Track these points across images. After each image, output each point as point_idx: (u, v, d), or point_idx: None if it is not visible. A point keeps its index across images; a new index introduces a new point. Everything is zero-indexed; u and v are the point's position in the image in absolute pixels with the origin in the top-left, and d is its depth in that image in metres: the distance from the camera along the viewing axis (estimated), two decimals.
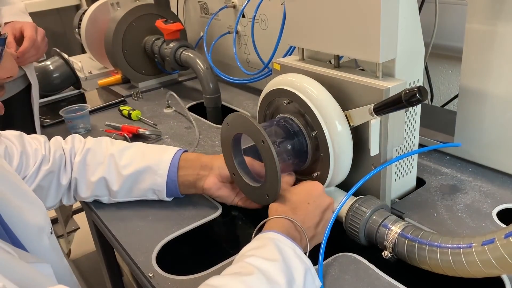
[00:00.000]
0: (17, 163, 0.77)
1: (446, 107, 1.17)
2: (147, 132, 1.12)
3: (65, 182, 0.83)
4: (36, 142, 0.82)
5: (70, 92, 1.53)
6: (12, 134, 0.81)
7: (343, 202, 0.71)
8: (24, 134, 0.83)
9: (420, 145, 0.80)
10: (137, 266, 0.70)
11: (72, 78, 1.50)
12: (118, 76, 1.57)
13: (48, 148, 0.82)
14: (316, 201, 0.69)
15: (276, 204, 0.70)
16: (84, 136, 0.89)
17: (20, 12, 1.20)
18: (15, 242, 0.59)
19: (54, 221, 2.12)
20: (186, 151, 0.84)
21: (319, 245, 0.65)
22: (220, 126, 0.77)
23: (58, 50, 1.52)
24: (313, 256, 0.65)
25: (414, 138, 0.78)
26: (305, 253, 0.63)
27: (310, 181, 0.73)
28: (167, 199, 0.84)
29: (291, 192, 0.71)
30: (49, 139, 0.86)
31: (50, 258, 0.63)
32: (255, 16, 1.25)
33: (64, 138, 0.87)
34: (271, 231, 0.64)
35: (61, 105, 1.40)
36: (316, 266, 0.64)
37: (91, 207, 0.87)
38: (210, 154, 1.02)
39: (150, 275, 0.68)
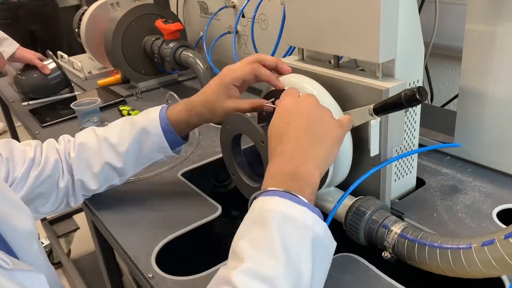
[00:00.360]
0: (3, 169, 0.75)
1: (446, 107, 1.17)
2: None
3: (62, 185, 0.81)
4: (26, 147, 0.80)
5: (70, 93, 1.53)
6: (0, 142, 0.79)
7: (341, 200, 0.70)
8: (13, 141, 0.81)
9: (420, 145, 0.80)
10: (136, 267, 0.70)
11: (64, 82, 1.50)
12: (117, 76, 1.57)
13: (40, 152, 0.80)
14: (294, 111, 0.60)
15: (269, 132, 0.61)
16: None
17: None
18: (7, 248, 0.58)
19: (54, 221, 2.12)
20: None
21: None
22: (220, 126, 0.77)
23: (51, 53, 1.52)
24: None
25: (414, 138, 0.78)
26: (311, 201, 0.53)
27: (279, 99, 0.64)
28: (175, 154, 0.83)
29: (268, 128, 0.62)
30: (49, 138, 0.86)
31: (39, 263, 0.62)
32: (254, 16, 1.25)
33: (63, 138, 0.86)
34: (270, 194, 0.52)
35: (58, 107, 1.41)
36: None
37: (91, 207, 0.87)
38: (210, 155, 1.02)
39: (150, 275, 0.68)
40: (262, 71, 0.74)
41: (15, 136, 2.12)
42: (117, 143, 0.80)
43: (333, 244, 0.53)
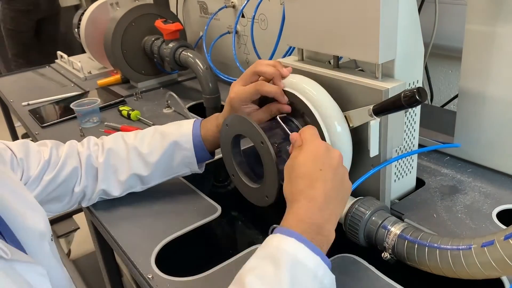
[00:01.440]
0: (19, 171, 0.75)
1: (446, 107, 1.17)
2: None
3: (78, 190, 0.81)
4: (42, 147, 0.80)
5: (70, 93, 1.53)
6: (16, 143, 0.79)
7: None
8: (29, 142, 0.80)
9: (420, 146, 0.80)
10: (136, 268, 0.70)
11: None
12: (117, 76, 1.57)
13: (56, 155, 0.80)
14: (326, 162, 0.59)
15: (287, 185, 0.60)
16: (94, 129, 0.88)
17: None
18: (18, 246, 0.58)
19: (54, 221, 2.12)
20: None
21: None
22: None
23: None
24: None
25: (414, 138, 0.77)
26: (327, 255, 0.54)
27: (305, 137, 0.62)
28: (198, 170, 0.84)
29: (295, 163, 0.60)
30: (50, 139, 0.85)
31: (50, 264, 0.62)
32: (254, 16, 1.25)
33: (63, 140, 0.85)
34: (289, 234, 0.52)
35: (58, 107, 1.41)
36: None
37: (90, 208, 0.87)
38: None
39: (149, 276, 0.68)
40: (266, 89, 0.73)
41: (15, 136, 2.12)
42: (147, 153, 0.81)
43: None
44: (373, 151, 0.69)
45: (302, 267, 0.50)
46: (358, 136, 0.71)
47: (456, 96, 1.09)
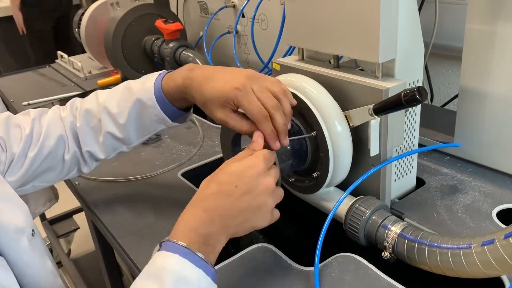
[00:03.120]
0: (2, 152, 0.71)
1: (446, 107, 1.17)
2: None
3: (68, 158, 0.77)
4: (24, 118, 0.76)
5: (71, 93, 1.53)
6: None
7: (341, 200, 0.71)
8: (11, 116, 0.75)
9: (420, 145, 0.80)
10: (136, 267, 0.70)
11: None
12: (117, 76, 1.57)
13: (39, 127, 0.75)
14: (247, 185, 0.56)
15: (208, 179, 0.58)
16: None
17: None
18: None
19: (54, 221, 2.12)
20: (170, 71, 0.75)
21: (316, 245, 0.65)
22: (220, 126, 0.77)
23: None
24: (310, 257, 0.65)
25: (414, 138, 0.78)
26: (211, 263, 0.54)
27: (253, 155, 0.59)
28: (178, 124, 0.77)
29: (226, 166, 0.58)
30: None
31: (29, 261, 0.61)
32: (254, 16, 1.25)
33: (72, 104, 0.80)
34: (174, 251, 0.52)
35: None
36: (312, 268, 0.64)
37: (91, 207, 0.87)
38: (210, 154, 1.02)
39: None
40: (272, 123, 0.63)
41: None
42: (117, 113, 0.75)
43: None
44: (373, 150, 0.69)
45: (185, 281, 0.51)
46: (358, 135, 0.71)
47: (456, 96, 1.09)
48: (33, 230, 0.63)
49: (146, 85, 0.73)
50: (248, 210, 0.57)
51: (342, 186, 0.75)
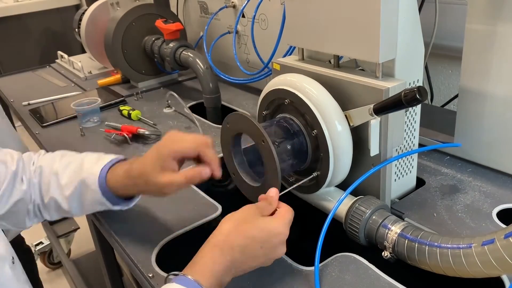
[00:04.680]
0: None
1: (446, 107, 1.17)
2: (146, 132, 1.12)
3: (31, 207, 0.77)
4: (8, 157, 0.76)
5: (70, 93, 1.53)
6: None
7: (341, 200, 0.71)
8: None
9: (420, 145, 0.80)
10: (136, 267, 0.70)
11: None
12: (118, 76, 1.57)
13: (22, 167, 0.76)
14: (270, 248, 0.59)
15: (230, 225, 0.60)
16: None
17: None
18: None
19: (54, 221, 2.12)
20: (123, 159, 0.78)
21: (316, 245, 0.65)
22: (220, 126, 0.77)
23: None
24: (310, 257, 0.65)
25: (414, 138, 0.78)
26: None
27: (281, 219, 0.61)
28: (121, 208, 0.77)
29: (258, 222, 0.60)
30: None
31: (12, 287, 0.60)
32: (255, 16, 1.25)
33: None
34: (198, 282, 0.55)
35: (58, 107, 1.41)
36: (312, 268, 0.64)
37: None
38: None
39: (150, 275, 0.68)
40: (207, 151, 0.68)
41: None
42: (64, 184, 0.75)
43: None
44: (374, 150, 0.69)
45: None
46: (359, 135, 0.71)
47: (456, 96, 1.09)
48: (12, 258, 0.63)
49: (94, 168, 0.74)
50: (258, 266, 0.61)
51: (342, 186, 0.75)
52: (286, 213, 0.62)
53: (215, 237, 0.59)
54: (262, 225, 0.60)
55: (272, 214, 0.62)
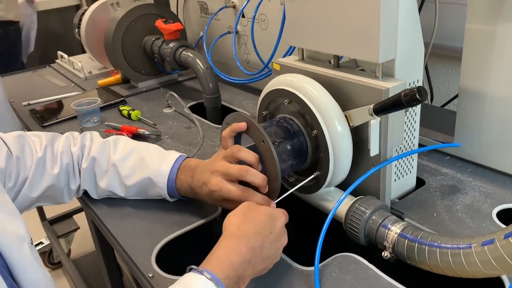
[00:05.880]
0: (14, 170, 0.77)
1: (446, 107, 1.17)
2: (146, 132, 1.12)
3: (74, 187, 0.85)
4: (36, 143, 0.82)
5: (70, 93, 1.53)
6: (12, 136, 0.79)
7: (341, 200, 0.71)
8: (26, 136, 0.81)
9: (420, 145, 0.80)
10: (136, 267, 0.70)
11: None
12: (118, 76, 1.57)
13: (51, 153, 0.82)
14: (277, 234, 0.63)
15: (237, 217, 0.62)
16: (94, 129, 0.88)
17: None
18: None
19: (54, 221, 2.12)
20: (187, 157, 0.83)
21: (316, 245, 0.65)
22: (220, 126, 0.77)
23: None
24: (310, 257, 0.65)
25: (414, 138, 0.78)
26: None
27: (272, 208, 0.68)
28: (173, 199, 0.84)
29: (260, 208, 0.65)
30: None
31: (32, 268, 0.62)
32: (255, 16, 1.25)
33: (81, 140, 0.87)
34: (211, 273, 0.55)
35: (58, 107, 1.41)
36: (312, 268, 0.64)
37: (91, 207, 0.87)
38: (210, 154, 1.02)
39: (150, 275, 0.68)
40: (250, 178, 0.69)
41: None
42: (125, 176, 0.82)
43: None
44: (373, 150, 0.69)
45: None
46: (359, 135, 0.71)
47: (456, 96, 1.09)
48: (31, 239, 0.65)
49: (162, 168, 0.80)
50: (271, 258, 0.62)
51: (342, 186, 0.75)
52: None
53: (227, 230, 0.61)
54: (265, 210, 0.64)
55: None
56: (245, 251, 0.58)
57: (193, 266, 0.57)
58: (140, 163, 0.82)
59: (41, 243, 2.10)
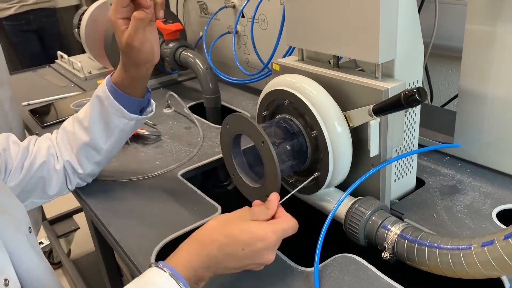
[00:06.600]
0: (1, 160, 0.80)
1: (446, 107, 1.17)
2: (146, 133, 1.12)
3: (59, 167, 0.86)
4: (20, 140, 0.86)
5: (70, 93, 1.53)
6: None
7: (341, 201, 0.71)
8: (12, 135, 0.85)
9: (420, 146, 0.80)
10: (136, 267, 0.70)
11: None
12: None
13: (33, 143, 0.86)
14: (253, 252, 0.58)
15: (217, 221, 0.61)
16: None
17: None
18: None
19: (54, 221, 2.12)
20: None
21: (316, 246, 0.65)
22: (220, 126, 0.77)
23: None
24: (310, 258, 0.65)
25: (414, 138, 0.78)
26: None
27: (274, 224, 0.61)
28: (139, 116, 0.84)
29: (245, 224, 0.60)
30: None
31: (28, 255, 0.63)
32: (254, 16, 1.25)
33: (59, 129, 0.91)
34: (171, 267, 0.56)
35: (58, 107, 1.41)
36: (312, 269, 0.64)
37: (91, 207, 0.87)
38: (210, 155, 1.02)
39: None
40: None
41: None
42: (83, 117, 0.84)
43: None
44: (373, 151, 0.69)
45: None
46: (358, 136, 0.71)
47: (456, 96, 1.09)
48: (30, 227, 0.67)
49: (102, 83, 0.82)
50: (242, 268, 0.60)
51: (342, 186, 0.75)
52: (283, 222, 0.61)
53: (198, 231, 0.61)
54: (246, 228, 0.59)
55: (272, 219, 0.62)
56: (206, 258, 0.58)
57: (155, 262, 0.58)
58: (90, 100, 0.84)
59: (41, 243, 2.10)
